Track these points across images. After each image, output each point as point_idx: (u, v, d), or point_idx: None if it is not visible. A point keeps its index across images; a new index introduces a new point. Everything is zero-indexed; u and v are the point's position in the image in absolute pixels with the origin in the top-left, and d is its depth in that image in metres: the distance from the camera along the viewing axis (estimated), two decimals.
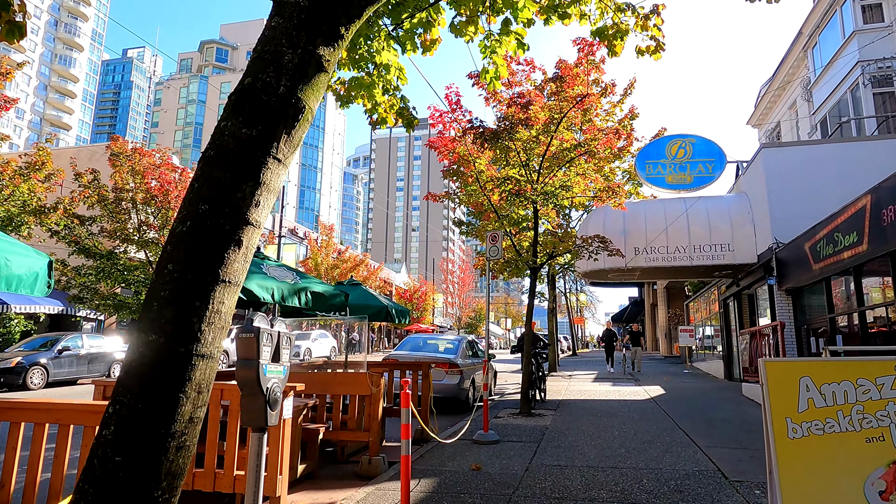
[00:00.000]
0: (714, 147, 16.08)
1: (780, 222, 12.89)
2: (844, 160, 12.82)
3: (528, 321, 10.51)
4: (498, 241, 8.93)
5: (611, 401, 12.12)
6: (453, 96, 10.54)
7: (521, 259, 10.29)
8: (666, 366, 24.66)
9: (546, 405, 11.50)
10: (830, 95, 15.85)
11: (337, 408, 6.43)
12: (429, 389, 8.04)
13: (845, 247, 9.32)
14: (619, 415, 9.96)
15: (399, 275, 65.70)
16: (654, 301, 38.87)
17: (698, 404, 11.21)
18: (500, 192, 10.10)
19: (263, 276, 5.17)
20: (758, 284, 14.50)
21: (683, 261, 14.49)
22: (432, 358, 11.01)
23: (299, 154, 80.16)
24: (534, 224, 10.54)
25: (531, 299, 10.64)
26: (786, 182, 13.15)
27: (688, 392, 13.55)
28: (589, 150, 10.06)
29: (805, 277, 11.33)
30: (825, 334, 11.04)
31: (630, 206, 15.82)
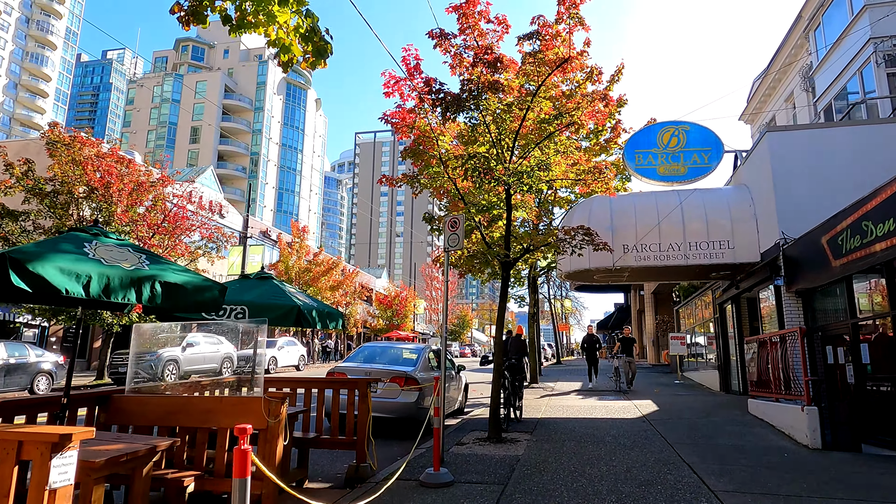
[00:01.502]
0: (710, 135, 14.54)
1: (788, 215, 11.33)
2: (860, 145, 11.31)
3: (499, 326, 8.80)
4: (458, 227, 7.22)
5: (597, 420, 10.42)
6: (412, 59, 8.83)
7: (491, 252, 8.58)
8: (655, 376, 23.07)
9: (522, 426, 9.78)
10: (837, 79, 14.41)
11: (222, 446, 4.65)
12: (367, 413, 6.29)
13: (878, 237, 7.72)
14: (607, 441, 8.25)
15: (380, 280, 63.80)
16: (641, 307, 37.42)
17: (700, 425, 9.55)
18: (466, 173, 8.39)
19: (78, 257, 3.40)
20: (761, 286, 12.93)
21: (678, 260, 12.89)
22: (385, 371, 9.25)
23: (277, 156, 77.87)
24: (506, 211, 8.84)
25: (502, 300, 8.93)
26: (794, 170, 11.61)
27: (684, 408, 11.90)
28: (572, 122, 8.39)
29: (822, 277, 9.74)
30: (844, 343, 9.43)
31: (619, 200, 14.20)
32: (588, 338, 18.67)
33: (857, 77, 13.64)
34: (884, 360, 8.58)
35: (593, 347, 18.03)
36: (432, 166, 9.29)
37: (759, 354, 10.14)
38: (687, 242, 12.93)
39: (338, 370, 9.47)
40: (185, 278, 3.93)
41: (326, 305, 6.24)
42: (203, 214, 23.25)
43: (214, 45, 78.83)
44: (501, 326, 8.76)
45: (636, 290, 39.71)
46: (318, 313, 5.68)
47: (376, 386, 9.13)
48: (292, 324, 5.28)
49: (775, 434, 8.60)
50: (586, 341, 18.49)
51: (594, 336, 18.65)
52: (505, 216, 8.93)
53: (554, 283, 48.62)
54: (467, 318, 79.44)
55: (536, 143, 8.61)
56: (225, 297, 5.20)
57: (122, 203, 18.73)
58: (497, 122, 8.57)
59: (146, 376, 18.90)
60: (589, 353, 18.04)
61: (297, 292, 6.05)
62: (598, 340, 18.43)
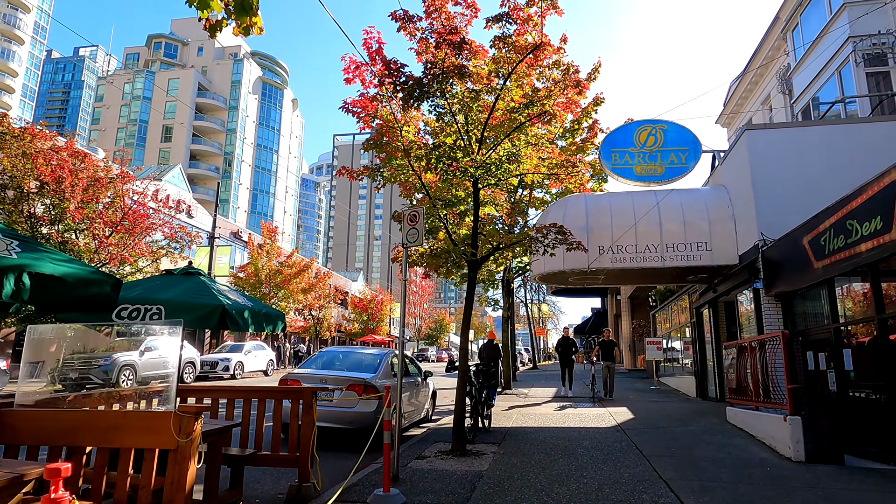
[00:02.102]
0: (688, 134, 14.17)
1: (767, 216, 10.95)
2: (840, 144, 10.99)
3: (464, 329, 8.19)
4: (417, 221, 6.61)
5: (569, 430, 9.87)
6: (373, 43, 8.19)
7: (456, 251, 7.98)
8: (631, 381, 22.68)
9: (489, 436, 9.18)
10: (815, 79, 14.15)
11: (124, 470, 3.95)
12: (311, 426, 5.62)
13: (863, 237, 7.31)
14: (579, 453, 7.69)
15: (356, 283, 62.84)
16: (618, 312, 37.17)
17: (677, 435, 9.05)
18: (431, 164, 7.79)
19: None
20: (739, 289, 12.55)
21: (654, 262, 12.44)
22: (342, 378, 8.58)
23: (252, 156, 76.36)
24: (474, 206, 8.26)
25: (468, 302, 8.34)
26: (773, 169, 11.25)
27: (660, 416, 11.42)
28: (544, 111, 7.84)
29: (803, 279, 9.34)
30: (826, 348, 9.04)
31: (594, 200, 13.74)
32: (563, 340, 16.99)
33: (835, 77, 13.39)
34: (868, 367, 8.18)
35: (569, 351, 16.57)
36: (396, 158, 8.66)
37: (737, 360, 9.69)
38: (664, 244, 12.49)
39: (291, 377, 8.77)
40: (66, 270, 3.24)
41: (264, 305, 5.56)
42: (166, 212, 22.31)
43: (188, 42, 77.10)
44: (467, 329, 8.16)
45: (613, 295, 39.50)
46: (252, 314, 5.01)
47: (332, 394, 8.48)
48: (215, 325, 4.60)
49: (756, 445, 8.13)
50: (561, 344, 16.85)
51: (570, 339, 16.89)
52: (472, 212, 8.34)
53: (531, 288, 48.31)
54: (445, 323, 78.71)
55: (506, 135, 8.04)
56: (137, 295, 4.51)
57: (76, 199, 17.74)
58: (464, 110, 7.99)
59: (99, 382, 17.92)
60: (564, 357, 16.61)
61: (231, 290, 5.37)
62: (574, 344, 16.78)
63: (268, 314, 5.33)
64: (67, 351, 7.03)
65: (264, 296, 31.77)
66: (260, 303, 5.61)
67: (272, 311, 5.53)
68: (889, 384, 7.34)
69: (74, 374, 18.05)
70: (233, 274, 31.88)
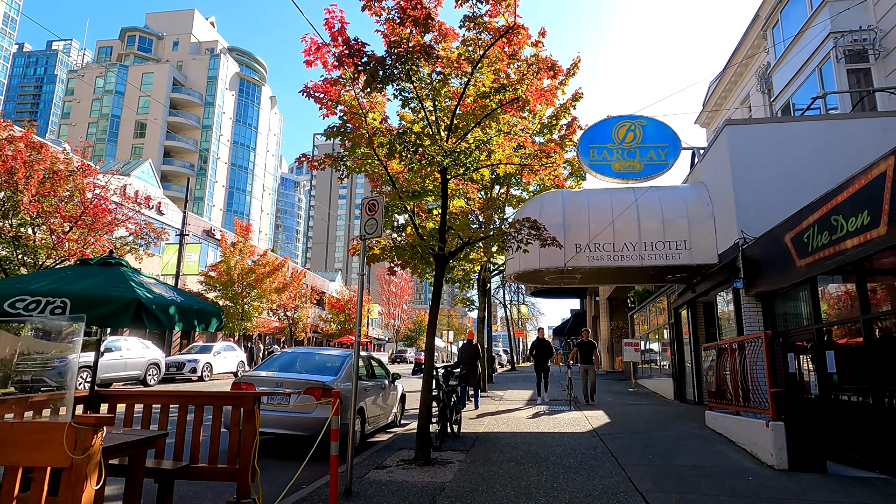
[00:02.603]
0: (667, 130, 13.84)
1: (748, 213, 10.62)
2: (822, 141, 10.71)
3: (431, 328, 7.67)
4: (377, 210, 6.07)
5: (543, 435, 9.40)
6: (336, 22, 7.62)
7: (422, 244, 7.45)
8: (609, 383, 22.37)
9: (458, 442, 8.67)
10: (795, 76, 13.91)
11: (9, 493, 3.35)
12: (252, 435, 5.05)
13: (849, 233, 6.95)
14: (551, 461, 7.21)
15: (333, 283, 61.97)
16: (597, 313, 36.98)
17: (655, 441, 8.62)
18: (392, 152, 7.26)
19: None
20: (718, 289, 12.22)
21: (633, 260, 12.04)
22: (299, 382, 8.00)
23: (228, 153, 74.77)
24: (441, 198, 7.74)
25: (435, 299, 7.81)
26: (754, 165, 10.93)
27: (638, 421, 11.01)
28: (516, 97, 7.35)
29: (784, 278, 8.99)
30: (808, 350, 8.69)
31: (572, 197, 13.33)
32: (538, 343, 15.28)
33: (815, 74, 13.15)
34: (851, 370, 7.85)
35: (544, 354, 14.95)
36: (360, 147, 8.10)
37: (717, 363, 9.31)
38: (642, 242, 12.11)
39: (245, 380, 8.16)
40: None
41: (196, 301, 4.96)
42: (130, 207, 21.41)
43: (163, 36, 75.39)
44: (433, 329, 7.64)
45: (591, 297, 39.32)
46: (180, 310, 4.43)
47: (289, 398, 7.89)
48: (130, 322, 4.02)
49: (736, 451, 7.73)
50: (535, 347, 15.17)
51: (545, 341, 15.29)
52: (440, 204, 7.82)
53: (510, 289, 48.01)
54: (424, 324, 78.10)
55: (477, 122, 7.54)
56: (42, 287, 3.91)
57: (30, 192, 16.83)
58: (432, 95, 7.48)
59: (54, 385, 17.04)
60: (539, 360, 15.01)
61: (159, 284, 4.77)
62: (550, 346, 15.20)
63: (201, 310, 4.75)
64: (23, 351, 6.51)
65: (236, 295, 30.91)
66: (193, 298, 5.01)
67: (207, 307, 4.94)
68: (875, 388, 6.99)
69: (28, 375, 17.22)
70: (203, 273, 30.96)
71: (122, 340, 19.74)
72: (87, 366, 17.60)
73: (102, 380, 18.24)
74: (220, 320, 4.97)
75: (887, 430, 6.68)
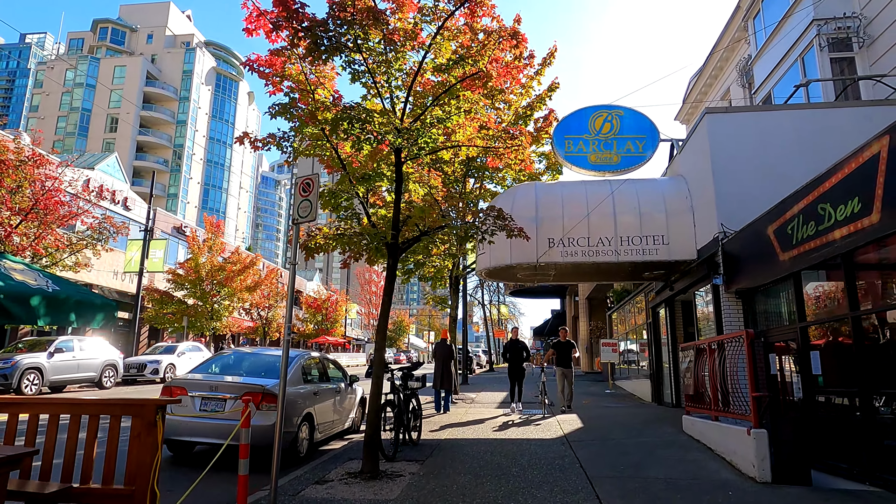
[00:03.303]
0: (645, 121, 13.25)
1: (729, 206, 10.05)
2: (806, 130, 10.18)
3: (381, 327, 6.94)
4: (311, 191, 5.33)
5: (509, 442, 8.71)
6: None
7: (372, 233, 6.71)
8: (587, 384, 21.81)
9: (416, 451, 7.94)
10: (777, 66, 13.42)
11: None
12: (153, 451, 4.28)
13: (837, 222, 6.37)
14: (513, 473, 6.52)
15: (311, 283, 60.87)
16: (576, 313, 36.51)
17: (628, 449, 7.97)
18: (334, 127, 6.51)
19: None
20: (697, 287, 11.66)
21: (608, 256, 11.42)
22: (236, 386, 7.21)
23: (204, 149, 72.94)
24: (395, 182, 7.01)
25: (387, 295, 7.05)
26: (735, 156, 10.37)
27: (612, 426, 10.39)
28: (477, 72, 6.65)
29: (766, 274, 8.41)
30: (791, 350, 8.12)
31: (545, 189, 12.69)
32: (511, 344, 13.38)
33: (798, 64, 12.66)
34: (838, 371, 7.28)
35: (518, 357, 13.01)
36: (308, 126, 7.34)
37: (695, 363, 8.70)
38: (618, 237, 11.50)
39: (176, 384, 7.36)
40: None
41: (82, 291, 4.17)
42: (86, 201, 20.38)
43: (137, 28, 73.44)
44: (384, 326, 6.91)
45: (571, 296, 38.88)
46: (48, 302, 3.64)
47: (224, 404, 7.10)
48: None
49: (715, 461, 7.10)
50: (508, 349, 13.36)
51: (519, 341, 13.43)
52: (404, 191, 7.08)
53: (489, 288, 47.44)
54: (404, 324, 77.24)
55: (435, 99, 6.83)
56: None
57: None
58: (384, 67, 6.75)
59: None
60: (512, 364, 12.93)
61: (28, 270, 3.97)
62: (524, 348, 13.29)
63: (83, 303, 3.96)
64: None
65: (205, 293, 29.86)
66: (75, 288, 4.23)
67: (93, 298, 4.15)
68: (863, 390, 6.40)
69: None
70: (171, 270, 29.86)
71: (75, 340, 18.67)
72: (36, 367, 16.55)
73: (53, 382, 17.20)
74: (107, 315, 4.18)
75: (877, 437, 6.11)
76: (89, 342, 19.51)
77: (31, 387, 16.26)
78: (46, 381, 16.91)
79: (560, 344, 13.35)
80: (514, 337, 13.85)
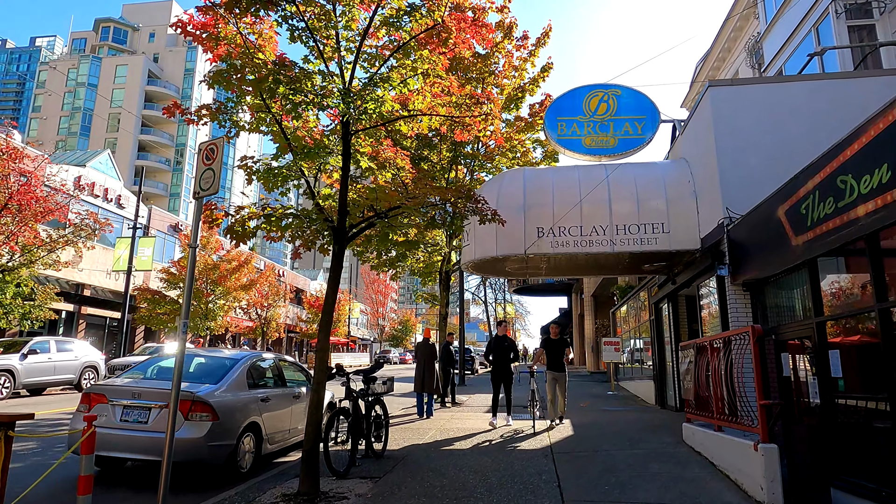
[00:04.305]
0: (645, 101, 12.22)
1: (735, 190, 9.01)
2: (822, 103, 9.12)
3: (323, 324, 5.99)
4: (215, 159, 4.40)
5: (484, 454, 7.73)
6: None
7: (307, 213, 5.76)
8: (590, 385, 20.76)
9: (376, 465, 6.99)
10: (789, 39, 12.32)
11: None
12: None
13: (861, 195, 5.33)
14: (477, 495, 5.54)
15: (315, 282, 60.16)
16: (582, 311, 35.41)
17: (618, 463, 6.95)
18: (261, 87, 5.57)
19: None
20: (701, 279, 10.61)
21: (603, 246, 10.40)
22: (161, 393, 6.28)
23: None
24: (343, 157, 6.06)
25: (332, 284, 6.10)
26: (742, 133, 9.32)
27: (607, 433, 9.38)
28: (434, 26, 5.68)
29: (777, 262, 7.36)
30: (807, 349, 7.05)
31: (534, 175, 11.70)
32: (495, 342, 11.16)
33: (812, 35, 11.57)
34: (862, 373, 6.23)
35: (505, 357, 10.88)
36: (245, 93, 6.41)
37: (696, 364, 7.66)
38: (614, 225, 10.47)
39: (96, 390, 6.46)
40: None
41: None
42: (67, 193, 19.62)
43: (139, 27, 73.05)
44: (327, 322, 5.95)
45: (578, 294, 37.79)
46: None
47: (149, 413, 6.19)
48: None
49: (717, 479, 6.09)
50: (493, 348, 11.07)
51: (506, 339, 11.15)
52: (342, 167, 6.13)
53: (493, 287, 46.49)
54: (410, 324, 76.48)
55: (384, 61, 5.87)
56: None
57: None
58: (326, 21, 5.80)
59: None
60: (497, 366, 10.87)
61: None
62: (512, 346, 11.14)
63: None
64: None
65: (198, 292, 29.11)
66: None
67: None
68: (893, 395, 5.36)
69: None
70: (165, 269, 29.16)
71: (52, 341, 17.92)
72: (7, 369, 15.79)
73: (28, 385, 16.47)
74: None
75: None
76: (69, 343, 18.79)
77: (2, 390, 15.50)
78: (20, 385, 16.17)
79: (551, 342, 10.84)
80: (501, 333, 11.45)
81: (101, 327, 31.96)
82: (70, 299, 28.66)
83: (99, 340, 30.44)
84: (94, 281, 29.72)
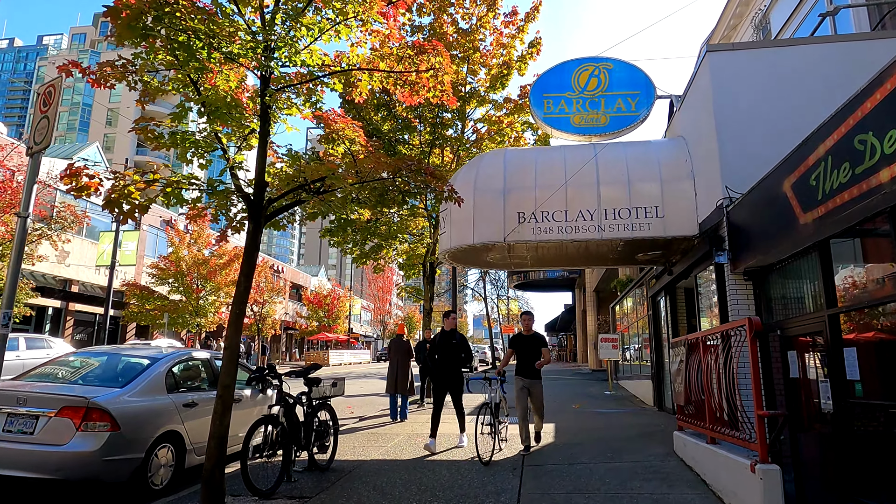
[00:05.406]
0: (639, 75, 11.17)
1: (736, 168, 7.96)
2: (834, 68, 8.06)
3: (234, 317, 5.03)
4: (51, 105, 3.38)
5: (443, 466, 6.75)
6: None
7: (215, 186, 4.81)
8: (587, 384, 19.71)
9: (315, 482, 6.03)
10: (798, 6, 11.20)
11: None
12: None
13: (885, 156, 4.29)
14: None
15: (316, 278, 59.38)
16: (585, 307, 34.32)
17: (593, 482, 5.94)
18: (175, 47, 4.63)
19: None
20: (699, 268, 9.57)
21: (590, 232, 9.37)
22: (49, 398, 5.35)
23: None
24: (260, 120, 5.10)
25: (246, 267, 5.14)
26: (744, 103, 8.27)
27: (591, 440, 8.37)
28: None
29: (784, 244, 6.30)
30: (818, 347, 6.00)
31: (516, 156, 10.69)
32: (441, 337, 8.25)
33: (823, 1, 10.45)
34: (883, 375, 5.19)
35: (452, 359, 8.06)
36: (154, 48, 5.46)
37: (687, 363, 6.64)
38: (602, 210, 9.44)
39: None
40: None
41: None
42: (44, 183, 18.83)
43: None
44: (239, 316, 5.00)
45: (581, 289, 36.69)
46: None
47: (36, 422, 5.26)
48: None
49: (708, 500, 5.07)
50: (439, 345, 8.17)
51: (455, 334, 8.27)
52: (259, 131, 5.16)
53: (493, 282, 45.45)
54: (413, 320, 75.54)
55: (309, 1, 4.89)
56: None
57: None
58: None
59: None
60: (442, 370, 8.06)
61: None
62: (463, 345, 8.21)
63: None
64: None
65: (188, 288, 28.32)
66: None
67: None
68: None
69: None
70: (154, 264, 28.40)
71: (21, 339, 17.10)
72: None
73: None
74: None
75: None
76: (41, 341, 17.97)
77: None
78: None
79: (522, 340, 8.00)
80: (450, 327, 8.37)
81: (90, 324, 31.25)
82: (56, 295, 27.95)
83: (88, 337, 29.74)
84: (82, 276, 28.98)
